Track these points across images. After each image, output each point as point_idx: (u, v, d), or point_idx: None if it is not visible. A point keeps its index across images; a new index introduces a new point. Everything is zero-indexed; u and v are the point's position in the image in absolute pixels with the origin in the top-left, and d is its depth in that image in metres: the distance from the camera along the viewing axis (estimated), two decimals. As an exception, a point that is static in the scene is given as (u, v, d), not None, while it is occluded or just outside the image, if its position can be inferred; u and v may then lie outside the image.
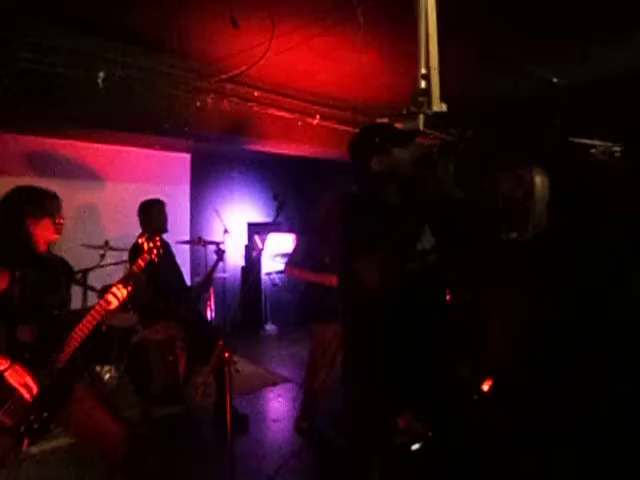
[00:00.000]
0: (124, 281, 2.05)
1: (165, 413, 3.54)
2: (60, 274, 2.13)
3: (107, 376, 3.94)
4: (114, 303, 2.00)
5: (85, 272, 4.00)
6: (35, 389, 1.82)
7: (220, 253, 3.88)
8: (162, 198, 3.79)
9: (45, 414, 1.89)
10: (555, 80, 3.51)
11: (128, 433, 2.05)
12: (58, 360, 1.91)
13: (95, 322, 1.97)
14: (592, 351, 2.84)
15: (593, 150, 3.65)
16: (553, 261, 3.34)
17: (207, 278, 3.92)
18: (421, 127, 1.90)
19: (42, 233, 2.03)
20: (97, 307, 1.99)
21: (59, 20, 2.65)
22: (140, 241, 2.18)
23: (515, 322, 3.26)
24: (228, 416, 2.08)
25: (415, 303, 1.98)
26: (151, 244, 2.14)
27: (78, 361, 2.04)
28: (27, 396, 1.80)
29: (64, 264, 2.21)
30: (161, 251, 2.19)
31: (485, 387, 3.08)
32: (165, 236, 3.71)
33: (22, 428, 1.83)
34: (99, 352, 3.91)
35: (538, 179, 3.59)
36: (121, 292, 2.02)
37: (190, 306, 3.72)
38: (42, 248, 2.06)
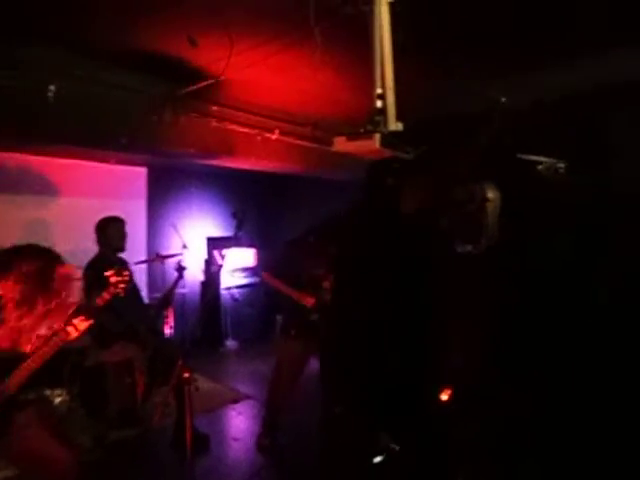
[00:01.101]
0: (86, 314, 1.97)
1: (122, 436, 3.42)
2: None
3: (57, 400, 3.76)
4: (73, 335, 1.93)
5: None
6: None
7: (181, 270, 3.81)
8: (118, 213, 3.70)
9: None
10: (503, 100, 3.68)
11: (77, 459, 1.97)
12: (8, 388, 1.83)
13: (52, 352, 1.90)
14: (547, 360, 2.97)
15: (540, 166, 3.86)
16: (505, 272, 3.48)
17: (167, 295, 3.84)
18: (377, 145, 1.96)
19: None
20: (55, 339, 1.91)
21: (6, 32, 2.56)
22: (107, 274, 2.10)
23: (472, 332, 3.37)
24: (188, 436, 2.04)
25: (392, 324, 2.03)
26: (119, 278, 2.07)
27: (27, 389, 1.95)
28: None
29: None
30: (129, 285, 2.12)
31: (444, 397, 3.16)
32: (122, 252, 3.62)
33: None
34: (50, 375, 3.73)
35: (490, 194, 3.75)
36: (82, 325, 1.95)
37: (149, 326, 3.63)
38: None
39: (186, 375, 2.09)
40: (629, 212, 3.27)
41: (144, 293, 4.68)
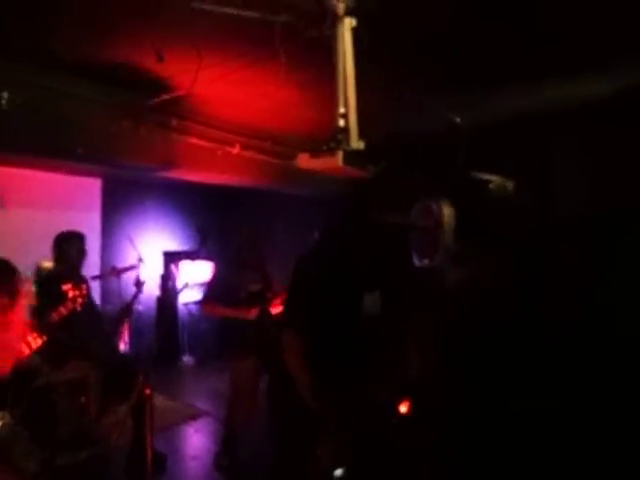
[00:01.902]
0: (40, 329, 1.88)
1: (73, 459, 3.26)
2: None
3: (0, 423, 3.55)
4: (26, 352, 1.84)
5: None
6: None
7: (140, 284, 3.70)
8: (70, 225, 3.57)
9: None
10: (458, 120, 3.87)
11: None
12: None
13: (4, 372, 1.79)
14: (503, 367, 3.11)
15: (490, 185, 4.07)
16: (459, 284, 3.62)
17: (124, 310, 3.71)
18: (340, 163, 2.02)
19: None
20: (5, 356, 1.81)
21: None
22: (65, 288, 2.01)
23: (429, 343, 3.47)
24: (149, 455, 1.98)
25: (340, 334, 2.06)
26: (77, 292, 1.99)
27: None
28: None
29: None
30: (86, 300, 2.04)
31: (403, 409, 3.22)
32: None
33: None
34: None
35: (446, 210, 3.91)
36: (36, 342, 1.86)
37: (104, 342, 3.50)
38: None
39: (147, 392, 2.03)
40: (570, 232, 3.50)
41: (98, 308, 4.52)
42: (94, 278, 4.22)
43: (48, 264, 3.76)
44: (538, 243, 3.73)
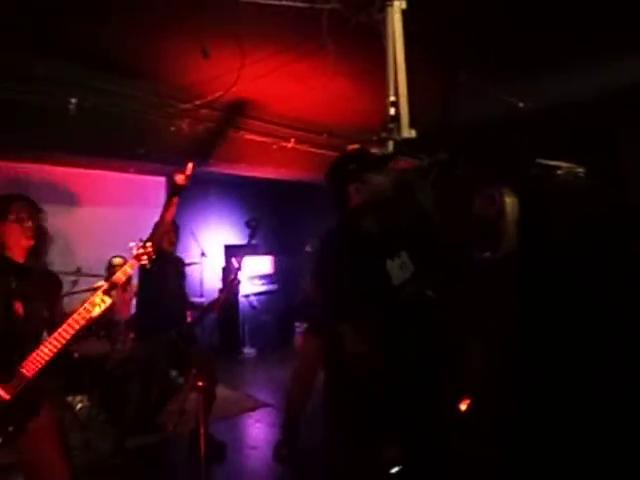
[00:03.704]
0: (108, 289, 1.94)
1: (140, 443, 3.45)
2: (39, 284, 2.02)
3: (79, 406, 3.82)
4: (95, 313, 1.89)
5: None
6: None
7: (229, 280, 3.68)
8: (137, 222, 3.76)
9: (10, 428, 1.79)
10: (521, 104, 3.64)
11: (74, 475, 1.97)
12: (28, 370, 1.81)
13: (74, 332, 1.85)
14: (567, 366, 2.91)
15: (559, 171, 3.79)
16: (523, 279, 3.42)
17: (213, 305, 3.76)
18: (391, 152, 1.96)
19: (12, 239, 1.94)
20: (76, 316, 1.87)
21: (30, 48, 2.65)
22: (132, 245, 2.06)
23: (492, 341, 3.32)
24: (201, 444, 2.03)
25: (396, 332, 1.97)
26: (141, 250, 2.02)
27: (49, 375, 1.92)
28: None
29: (49, 274, 2.11)
30: (153, 257, 2.05)
31: (463, 406, 3.10)
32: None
33: None
34: (72, 381, 3.80)
35: (508, 199, 3.70)
36: (104, 301, 1.91)
37: (182, 330, 3.59)
38: (19, 256, 1.97)
39: (200, 384, 2.08)
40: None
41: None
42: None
43: (119, 260, 3.97)
44: (612, 232, 3.44)
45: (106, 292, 1.92)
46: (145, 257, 2.00)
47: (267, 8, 2.04)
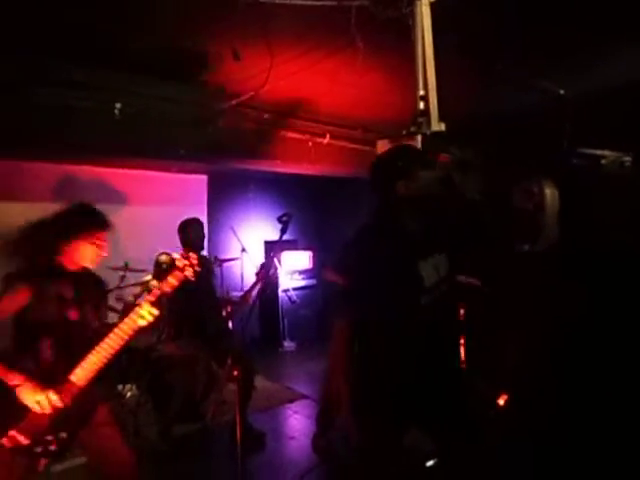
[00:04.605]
0: (155, 301, 1.98)
1: (184, 431, 3.60)
2: (90, 290, 2.06)
3: (128, 394, 4.03)
4: (142, 323, 1.94)
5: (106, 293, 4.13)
6: (49, 408, 1.75)
7: (262, 273, 3.75)
8: (180, 219, 3.89)
9: (63, 435, 1.83)
10: (562, 92, 3.52)
11: (135, 462, 2.05)
12: (79, 379, 1.85)
13: (122, 342, 1.89)
14: (608, 364, 2.80)
15: (603, 161, 3.64)
16: (565, 273, 3.32)
17: (244, 299, 3.86)
18: (419, 147, 1.96)
19: (79, 257, 1.99)
20: (124, 326, 1.91)
21: (77, 56, 2.81)
22: (175, 257, 2.12)
23: (531, 335, 3.24)
24: (238, 432, 2.11)
25: (430, 330, 1.96)
26: (186, 261, 2.02)
27: (102, 382, 1.98)
28: (41, 415, 1.75)
29: (96, 281, 2.14)
30: (197, 269, 2.08)
31: (501, 401, 3.06)
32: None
33: (39, 449, 1.77)
34: (120, 371, 4.01)
35: (548, 191, 3.58)
36: (151, 312, 1.93)
37: (218, 324, 3.73)
38: (75, 265, 2.00)
39: (235, 373, 2.16)
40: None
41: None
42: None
43: (165, 257, 4.14)
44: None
45: (153, 304, 1.94)
46: (190, 269, 2.02)
47: (296, 7, 2.08)
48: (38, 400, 1.74)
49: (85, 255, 2.01)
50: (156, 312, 1.97)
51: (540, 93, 3.48)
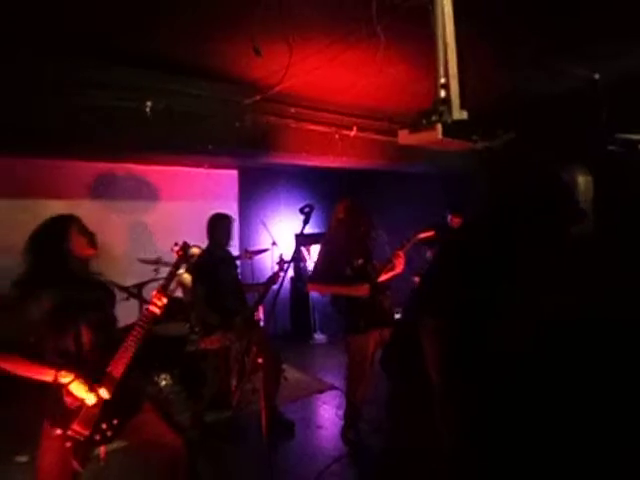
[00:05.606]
0: (162, 291, 2.15)
1: (216, 418, 3.71)
2: (97, 293, 2.18)
3: (163, 383, 4.18)
4: (156, 311, 2.11)
5: (140, 286, 4.29)
6: (98, 399, 1.93)
7: (282, 263, 3.75)
8: (211, 214, 3.98)
9: (115, 421, 2.00)
10: (597, 77, 3.41)
11: (184, 443, 2.15)
12: (116, 370, 2.01)
13: (143, 331, 2.06)
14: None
15: (640, 145, 3.49)
16: (599, 262, 3.21)
17: (264, 290, 3.92)
18: (439, 136, 1.94)
19: (79, 250, 2.08)
20: (141, 317, 2.11)
21: (110, 58, 2.92)
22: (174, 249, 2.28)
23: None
24: (263, 419, 2.17)
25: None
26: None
27: (137, 370, 2.12)
28: (93, 405, 1.92)
29: (102, 285, 2.25)
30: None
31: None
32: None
33: (97, 437, 1.95)
34: (156, 361, 4.17)
35: (581, 179, 3.48)
36: (160, 301, 2.13)
37: (247, 317, 3.80)
38: (82, 268, 2.11)
39: (259, 360, 2.22)
40: None
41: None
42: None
43: (196, 250, 4.25)
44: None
45: (161, 293, 2.13)
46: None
47: (316, 1, 2.09)
48: (89, 393, 1.91)
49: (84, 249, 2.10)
50: (164, 300, 2.13)
51: (574, 78, 3.38)
